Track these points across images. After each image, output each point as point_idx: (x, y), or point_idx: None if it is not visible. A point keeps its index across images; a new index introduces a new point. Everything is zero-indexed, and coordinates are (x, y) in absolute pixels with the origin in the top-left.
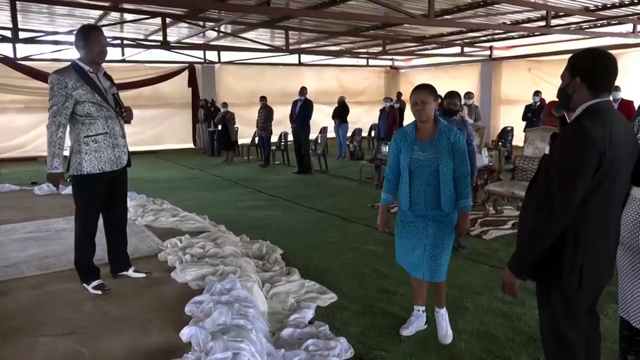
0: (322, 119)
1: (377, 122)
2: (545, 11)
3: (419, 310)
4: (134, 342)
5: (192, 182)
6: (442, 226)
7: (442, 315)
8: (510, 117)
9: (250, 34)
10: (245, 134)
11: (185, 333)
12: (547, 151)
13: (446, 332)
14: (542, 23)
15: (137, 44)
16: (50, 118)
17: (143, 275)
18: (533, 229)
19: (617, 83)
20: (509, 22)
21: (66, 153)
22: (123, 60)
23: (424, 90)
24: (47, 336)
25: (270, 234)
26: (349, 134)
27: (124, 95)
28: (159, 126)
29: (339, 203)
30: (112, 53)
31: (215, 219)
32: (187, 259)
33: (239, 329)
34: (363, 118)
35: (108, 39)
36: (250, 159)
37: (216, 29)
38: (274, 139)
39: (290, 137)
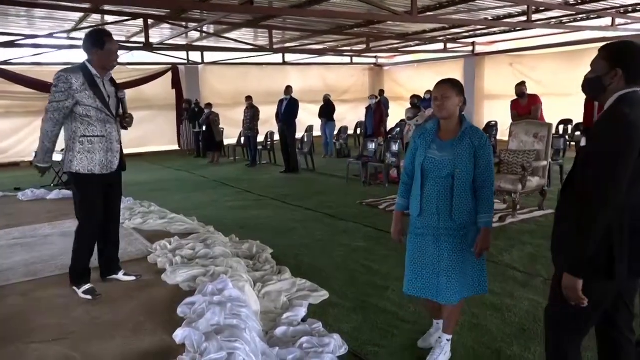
0: (307, 117)
1: (362, 119)
2: (526, 6)
3: (438, 323)
4: (126, 345)
5: (178, 184)
6: (457, 243)
7: (441, 343)
8: (493, 112)
9: (233, 34)
10: (231, 134)
11: (179, 334)
12: (583, 143)
13: None
14: (523, 18)
15: (119, 46)
16: (48, 113)
17: (133, 278)
18: (580, 223)
19: None
20: (491, 18)
21: (58, 158)
22: None
23: (445, 84)
24: (38, 343)
25: (260, 233)
26: (335, 132)
27: None
28: (143, 128)
29: (327, 201)
30: None
31: (203, 220)
32: (178, 261)
33: (232, 329)
34: (348, 116)
35: None
36: (236, 159)
37: (199, 29)
38: (260, 138)
39: (277, 137)
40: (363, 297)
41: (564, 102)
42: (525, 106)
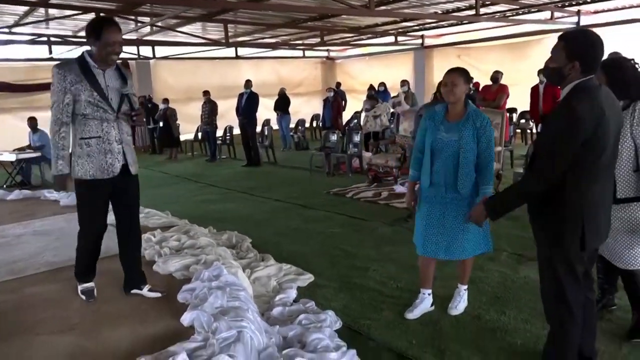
0: (262, 111)
1: (317, 112)
2: (474, 0)
3: (424, 294)
4: (134, 332)
5: (139, 181)
6: (461, 211)
7: (460, 292)
8: None
9: (185, 28)
10: (186, 129)
11: (187, 318)
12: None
13: (454, 306)
14: (471, 12)
15: (65, 40)
16: (52, 117)
17: (159, 294)
18: (520, 187)
19: (536, 67)
20: (441, 12)
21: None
22: (51, 59)
23: (455, 72)
24: (43, 334)
25: (234, 225)
26: (292, 125)
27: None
28: None
29: (293, 192)
30: (39, 51)
31: (174, 215)
32: (166, 252)
33: (236, 310)
34: (303, 109)
35: (32, 37)
36: (194, 154)
37: (154, 23)
38: (219, 133)
39: (236, 131)
40: (346, 278)
41: (510, 92)
42: (494, 92)
